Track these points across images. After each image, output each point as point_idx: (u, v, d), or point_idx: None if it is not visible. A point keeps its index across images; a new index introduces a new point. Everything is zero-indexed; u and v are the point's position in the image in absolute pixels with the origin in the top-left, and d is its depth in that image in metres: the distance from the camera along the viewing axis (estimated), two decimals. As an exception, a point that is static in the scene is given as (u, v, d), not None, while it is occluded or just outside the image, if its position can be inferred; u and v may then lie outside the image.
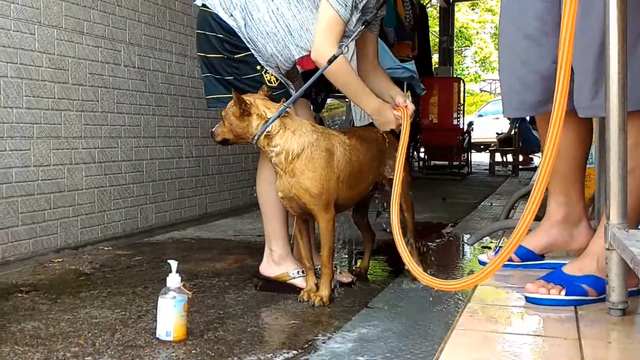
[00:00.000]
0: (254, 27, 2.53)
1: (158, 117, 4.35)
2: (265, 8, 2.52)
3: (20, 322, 2.26)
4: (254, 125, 2.43)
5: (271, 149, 2.43)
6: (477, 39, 26.35)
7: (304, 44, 2.54)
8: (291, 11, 2.52)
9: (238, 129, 2.45)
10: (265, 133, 2.41)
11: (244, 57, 2.55)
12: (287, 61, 2.60)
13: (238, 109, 2.41)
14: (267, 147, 2.44)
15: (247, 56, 2.55)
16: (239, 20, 2.53)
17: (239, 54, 2.55)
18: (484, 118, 18.32)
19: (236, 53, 2.55)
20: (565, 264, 1.83)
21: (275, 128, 2.41)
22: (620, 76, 1.51)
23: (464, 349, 1.40)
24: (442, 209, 5.62)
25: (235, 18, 2.53)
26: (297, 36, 2.54)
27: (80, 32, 3.65)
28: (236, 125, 2.45)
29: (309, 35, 2.53)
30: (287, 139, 2.42)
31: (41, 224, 3.40)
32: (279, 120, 2.42)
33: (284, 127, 2.43)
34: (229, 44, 2.54)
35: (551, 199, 2.15)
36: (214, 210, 4.98)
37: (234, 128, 2.46)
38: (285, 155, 2.42)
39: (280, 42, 2.54)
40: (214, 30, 2.55)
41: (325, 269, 2.49)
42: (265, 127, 2.41)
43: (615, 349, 1.44)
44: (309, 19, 2.52)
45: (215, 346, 2.03)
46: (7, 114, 3.20)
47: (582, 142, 2.09)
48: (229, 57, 2.55)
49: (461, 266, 3.43)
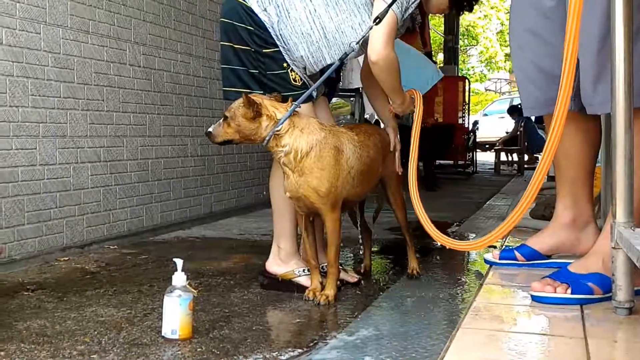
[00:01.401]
0: (288, 25, 2.51)
1: (163, 116, 4.36)
2: (302, 7, 2.50)
3: (26, 321, 2.27)
4: (264, 126, 2.40)
5: (280, 149, 2.41)
6: (483, 37, 26.28)
7: (337, 47, 2.54)
8: (328, 13, 2.51)
9: (247, 130, 2.41)
10: (275, 133, 2.40)
11: (272, 52, 2.52)
12: (317, 64, 2.57)
13: (250, 111, 2.37)
14: (275, 148, 2.42)
15: (275, 52, 2.52)
16: (272, 16, 2.50)
17: (268, 49, 2.52)
18: (489, 117, 18.29)
19: (264, 47, 2.52)
20: (571, 263, 1.83)
21: (284, 128, 2.40)
22: (626, 73, 1.51)
23: (469, 348, 1.40)
24: (446, 208, 5.61)
25: (269, 14, 2.50)
26: (331, 39, 2.53)
27: (85, 31, 3.66)
28: (245, 126, 2.41)
29: (344, 38, 2.52)
30: (295, 137, 2.40)
31: (47, 222, 3.41)
32: (288, 120, 2.41)
33: (293, 126, 2.41)
34: (258, 38, 2.51)
35: (559, 202, 2.14)
36: (219, 209, 4.98)
37: (243, 129, 2.42)
38: (294, 155, 2.40)
39: (314, 43, 2.53)
40: (243, 22, 2.52)
41: (331, 268, 2.49)
42: (276, 128, 2.39)
43: (621, 347, 1.44)
44: (345, 21, 2.51)
45: (220, 344, 2.03)
46: (13, 113, 3.21)
47: (590, 145, 2.09)
48: (257, 50, 2.52)
49: (466, 265, 3.42)
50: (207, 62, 4.79)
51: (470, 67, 27.21)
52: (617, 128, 1.52)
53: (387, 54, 2.43)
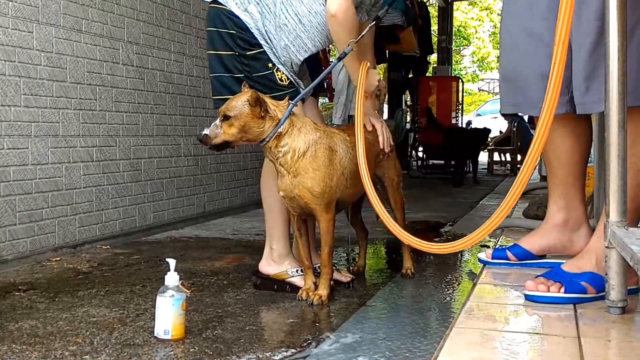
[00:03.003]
0: (272, 20, 2.52)
1: (156, 115, 4.35)
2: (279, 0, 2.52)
3: (18, 321, 2.25)
4: (267, 126, 2.36)
5: (279, 149, 2.38)
6: (476, 38, 26.35)
7: (314, 30, 2.54)
8: None
9: (253, 130, 2.34)
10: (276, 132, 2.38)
11: (256, 54, 2.53)
12: (299, 52, 2.57)
13: (259, 110, 2.31)
14: (274, 148, 2.38)
15: (259, 53, 2.53)
16: (254, 14, 2.51)
17: (251, 51, 2.52)
18: (482, 117, 18.35)
19: (248, 50, 2.52)
20: (564, 262, 1.83)
21: (285, 127, 2.38)
22: (619, 73, 1.51)
23: (463, 348, 1.40)
24: (441, 208, 5.61)
25: (251, 13, 2.51)
26: (307, 22, 2.53)
27: (78, 30, 3.65)
28: (251, 126, 2.32)
29: (318, 18, 2.53)
30: (294, 137, 2.38)
31: (39, 222, 3.39)
32: (287, 119, 2.39)
33: (292, 126, 2.40)
34: (241, 40, 2.52)
35: (551, 202, 2.14)
36: (212, 209, 4.97)
37: (248, 129, 2.33)
38: (291, 155, 2.38)
39: (292, 32, 2.53)
40: (226, 26, 2.53)
41: (325, 268, 2.48)
42: (278, 127, 2.36)
43: (614, 347, 1.44)
44: (315, 1, 2.52)
45: (213, 345, 2.02)
46: (5, 112, 3.19)
47: (581, 145, 2.08)
48: (241, 53, 2.53)
49: (459, 265, 3.42)
50: (200, 61, 4.78)
51: (462, 68, 27.26)
52: (611, 127, 1.53)
53: (347, 7, 2.44)
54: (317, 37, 2.57)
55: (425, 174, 9.86)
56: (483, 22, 25.94)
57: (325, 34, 2.58)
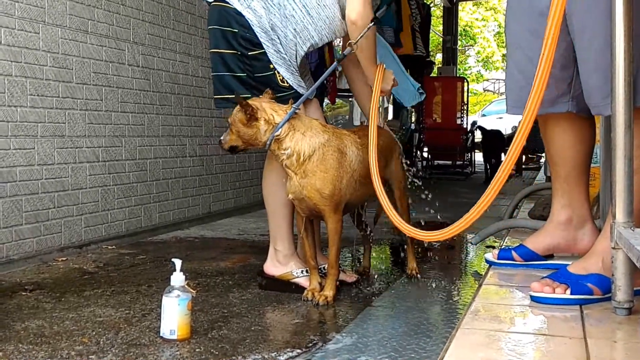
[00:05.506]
0: (276, 14, 2.51)
1: (162, 116, 4.35)
2: None
3: (24, 321, 2.26)
4: (262, 131, 2.39)
5: (282, 152, 2.40)
6: (481, 37, 26.30)
7: (322, 22, 2.54)
8: None
9: (246, 135, 2.41)
10: (274, 137, 2.39)
11: (258, 54, 2.52)
12: (305, 43, 2.56)
13: (244, 115, 2.37)
14: (277, 151, 2.42)
15: (261, 54, 2.52)
16: (258, 10, 2.50)
17: (253, 51, 2.52)
18: (487, 118, 18.32)
19: (250, 50, 2.52)
20: (570, 264, 1.83)
21: (284, 131, 2.39)
22: (626, 73, 1.50)
23: (469, 348, 1.40)
24: (447, 209, 5.60)
25: (255, 9, 2.50)
26: (315, 14, 2.53)
27: (84, 31, 3.66)
28: (244, 132, 2.41)
29: (326, 11, 2.53)
30: (297, 140, 2.39)
31: (45, 222, 3.40)
32: (287, 123, 2.40)
33: (293, 129, 2.40)
34: (244, 39, 2.51)
35: (555, 201, 2.14)
36: (217, 209, 4.98)
37: (242, 135, 2.42)
38: (296, 157, 2.39)
39: (299, 22, 2.52)
40: (229, 24, 2.52)
41: (331, 269, 2.48)
42: (275, 132, 2.38)
43: (620, 348, 1.44)
44: None
45: (219, 345, 2.02)
46: (12, 112, 3.20)
47: (583, 144, 2.08)
48: (243, 53, 2.53)
49: (465, 266, 3.42)
50: (206, 62, 4.78)
51: (467, 67, 27.22)
52: (617, 128, 1.52)
53: (366, 13, 2.46)
54: (324, 30, 2.56)
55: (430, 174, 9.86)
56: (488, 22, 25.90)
57: (332, 28, 2.57)
